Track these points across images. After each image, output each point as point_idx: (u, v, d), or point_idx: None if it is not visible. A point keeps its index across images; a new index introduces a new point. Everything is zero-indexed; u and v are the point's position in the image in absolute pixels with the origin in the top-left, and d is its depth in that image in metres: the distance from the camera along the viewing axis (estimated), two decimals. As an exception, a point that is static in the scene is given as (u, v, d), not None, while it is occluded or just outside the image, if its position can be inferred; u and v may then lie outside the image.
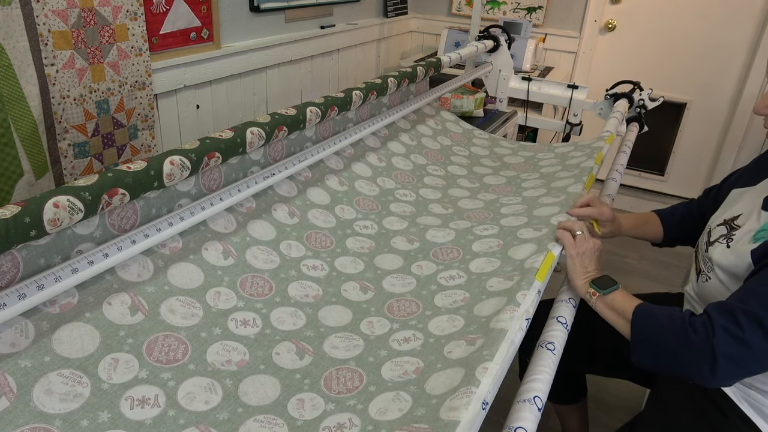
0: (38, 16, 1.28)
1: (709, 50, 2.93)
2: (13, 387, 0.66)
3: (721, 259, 1.01)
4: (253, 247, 1.01)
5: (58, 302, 0.74)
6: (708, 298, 1.04)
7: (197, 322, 0.84)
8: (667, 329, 0.89)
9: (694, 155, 3.15)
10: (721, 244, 1.03)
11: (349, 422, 0.73)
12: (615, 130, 1.68)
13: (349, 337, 0.91)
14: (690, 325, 0.87)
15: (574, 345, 1.19)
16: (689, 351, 0.86)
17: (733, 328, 0.84)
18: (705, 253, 1.07)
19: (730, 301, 0.89)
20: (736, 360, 0.84)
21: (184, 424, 0.70)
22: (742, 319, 0.84)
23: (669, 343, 0.89)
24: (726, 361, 0.83)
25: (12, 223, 0.67)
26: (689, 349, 0.86)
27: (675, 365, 0.90)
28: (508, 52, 2.23)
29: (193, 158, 0.93)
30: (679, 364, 0.89)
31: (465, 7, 3.19)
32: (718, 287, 1.01)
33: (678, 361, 0.89)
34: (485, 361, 0.71)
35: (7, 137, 1.25)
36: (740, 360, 0.84)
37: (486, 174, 1.58)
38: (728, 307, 0.87)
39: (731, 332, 0.84)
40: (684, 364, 0.88)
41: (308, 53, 2.40)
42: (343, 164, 1.34)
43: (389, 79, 1.51)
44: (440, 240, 1.19)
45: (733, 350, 0.83)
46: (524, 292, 0.87)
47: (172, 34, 1.71)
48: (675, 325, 0.88)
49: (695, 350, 0.86)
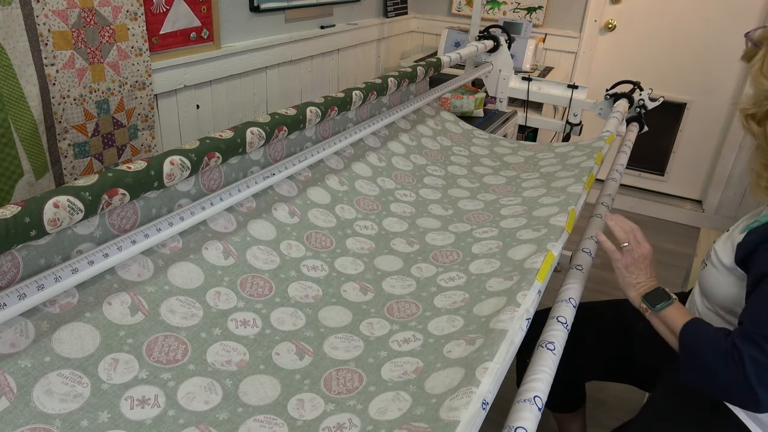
0: (38, 16, 1.28)
1: (709, 50, 2.93)
2: (13, 387, 0.66)
3: (718, 246, 1.03)
4: (253, 247, 1.01)
5: (58, 302, 0.74)
6: (704, 285, 1.06)
7: (197, 322, 0.84)
8: (709, 355, 0.89)
9: (694, 155, 3.15)
10: (723, 234, 1.06)
11: (348, 422, 0.73)
12: (615, 130, 1.68)
13: (348, 337, 0.91)
14: (730, 354, 0.86)
15: (575, 352, 1.19)
16: (728, 381, 0.87)
17: (760, 357, 0.84)
18: (713, 244, 1.09)
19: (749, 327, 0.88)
20: None
21: (184, 424, 0.70)
22: (765, 346, 0.84)
23: (711, 369, 0.89)
24: (763, 390, 0.84)
25: (12, 223, 0.67)
26: (728, 380, 0.86)
27: (718, 392, 0.90)
28: (508, 52, 2.23)
29: (193, 158, 0.93)
30: (723, 392, 0.90)
31: (465, 7, 3.19)
32: (712, 273, 1.03)
33: (720, 389, 0.89)
34: (485, 361, 0.71)
35: (7, 137, 1.25)
36: None
37: (486, 174, 1.58)
38: (749, 334, 0.86)
39: (759, 362, 0.84)
40: (727, 393, 0.89)
41: (308, 53, 2.40)
42: (343, 164, 1.34)
43: (389, 79, 1.51)
44: (440, 243, 1.19)
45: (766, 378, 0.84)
46: (524, 292, 0.87)
47: (172, 34, 1.71)
48: (718, 351, 0.88)
49: (733, 381, 0.86)
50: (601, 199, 1.39)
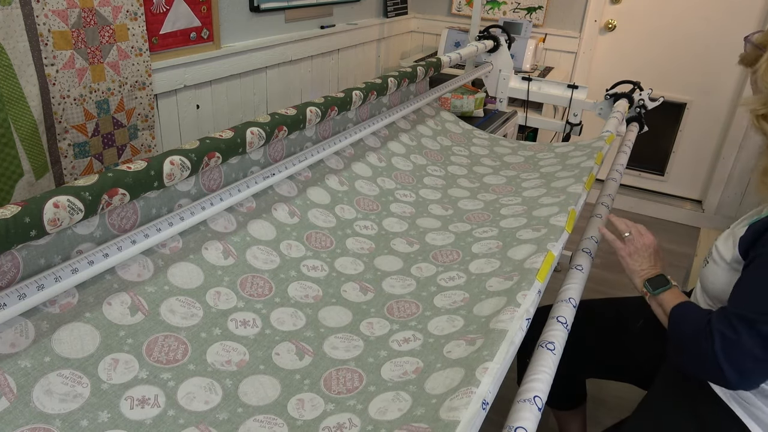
0: (38, 16, 1.28)
1: (709, 50, 2.92)
2: (13, 387, 0.66)
3: (719, 243, 1.04)
4: (253, 247, 1.01)
5: (58, 302, 0.74)
6: (705, 282, 1.07)
7: (197, 322, 0.84)
8: (688, 334, 0.91)
9: (694, 155, 3.15)
10: (725, 232, 1.07)
11: (348, 422, 0.73)
12: (615, 130, 1.68)
13: (348, 337, 0.91)
14: (703, 331, 0.88)
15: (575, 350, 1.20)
16: (699, 356, 0.88)
17: (729, 332, 0.85)
18: (715, 242, 1.10)
19: (727, 307, 0.90)
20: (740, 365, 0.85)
21: (184, 424, 0.70)
22: (735, 323, 0.85)
23: (688, 346, 0.91)
24: (729, 366, 0.85)
25: (12, 223, 0.67)
26: (699, 355, 0.88)
27: (693, 368, 0.92)
28: (508, 52, 2.23)
29: (193, 158, 0.93)
30: (697, 369, 0.91)
31: (465, 7, 3.19)
32: (713, 269, 1.04)
33: (694, 364, 0.91)
34: (485, 361, 0.71)
35: (7, 137, 1.25)
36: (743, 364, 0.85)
37: (486, 174, 1.58)
38: (725, 313, 0.88)
39: (727, 337, 0.85)
40: (700, 369, 0.91)
41: (308, 53, 2.40)
42: (343, 164, 1.34)
43: (389, 79, 1.51)
44: (440, 242, 1.19)
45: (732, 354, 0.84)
46: (524, 292, 0.87)
47: (172, 34, 1.71)
48: (697, 329, 0.90)
49: (703, 356, 0.87)
50: (601, 199, 1.39)
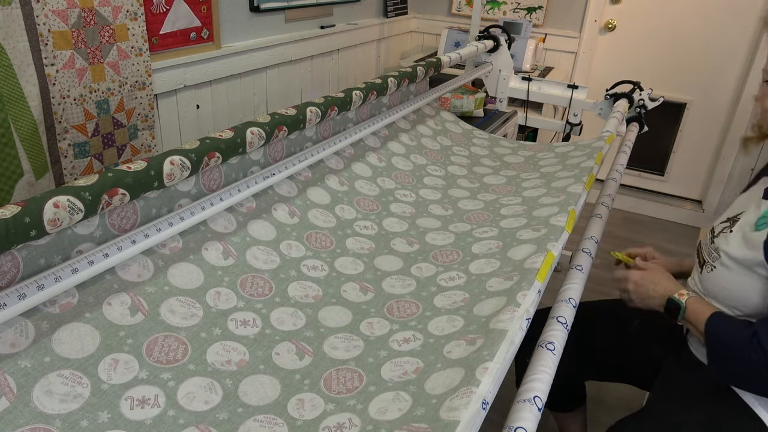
0: (38, 16, 1.28)
1: (709, 50, 2.93)
2: (13, 387, 0.66)
3: (725, 245, 1.03)
4: (253, 247, 1.01)
5: (58, 302, 0.74)
6: (713, 288, 1.05)
7: (197, 322, 0.84)
8: (733, 348, 0.91)
9: (694, 155, 3.15)
10: (724, 233, 1.05)
11: (348, 422, 0.73)
12: (615, 130, 1.68)
13: (348, 337, 0.91)
14: (750, 342, 0.88)
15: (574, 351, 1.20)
16: (752, 369, 0.87)
17: None
18: (710, 245, 1.09)
19: None
20: None
21: (184, 424, 0.70)
22: None
23: (734, 362, 0.90)
24: None
25: (12, 223, 0.67)
26: (751, 368, 0.87)
27: (745, 382, 0.92)
28: (508, 52, 2.23)
29: (193, 158, 0.93)
30: (749, 382, 0.91)
31: (465, 7, 3.19)
32: (723, 274, 1.02)
33: (746, 378, 0.90)
34: (485, 361, 0.71)
35: (7, 137, 1.25)
36: None
37: (486, 174, 1.58)
38: None
39: None
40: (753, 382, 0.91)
41: (308, 53, 2.41)
42: (343, 164, 1.34)
43: (389, 79, 1.51)
44: (440, 242, 1.19)
45: None
46: (524, 292, 0.87)
47: (172, 34, 1.71)
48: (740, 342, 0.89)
49: (757, 369, 0.87)
50: (601, 199, 1.39)
